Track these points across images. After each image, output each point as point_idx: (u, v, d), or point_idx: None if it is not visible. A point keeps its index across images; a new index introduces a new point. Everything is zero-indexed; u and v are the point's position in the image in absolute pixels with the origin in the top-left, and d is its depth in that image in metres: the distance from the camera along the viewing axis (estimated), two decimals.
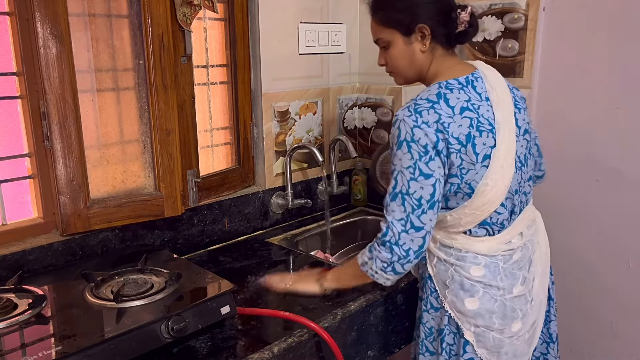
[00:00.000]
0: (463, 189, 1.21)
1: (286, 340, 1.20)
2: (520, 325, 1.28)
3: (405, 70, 1.31)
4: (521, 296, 1.28)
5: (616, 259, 1.65)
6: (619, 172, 1.60)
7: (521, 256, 1.29)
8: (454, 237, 1.27)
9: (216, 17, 1.71)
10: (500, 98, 1.24)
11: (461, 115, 1.18)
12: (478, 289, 1.25)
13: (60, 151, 1.34)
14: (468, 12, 1.23)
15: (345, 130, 2.16)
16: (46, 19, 1.27)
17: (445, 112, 1.18)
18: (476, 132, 1.18)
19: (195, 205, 1.66)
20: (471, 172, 1.19)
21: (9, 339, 1.02)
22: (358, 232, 2.09)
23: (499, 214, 1.25)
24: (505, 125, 1.22)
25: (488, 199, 1.21)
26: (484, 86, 1.24)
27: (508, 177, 1.22)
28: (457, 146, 1.17)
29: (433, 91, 1.21)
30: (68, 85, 1.32)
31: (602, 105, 1.60)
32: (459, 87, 1.22)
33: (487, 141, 1.19)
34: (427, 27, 1.23)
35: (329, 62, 2.04)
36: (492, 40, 1.75)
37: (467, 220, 1.24)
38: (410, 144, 1.16)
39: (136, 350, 1.06)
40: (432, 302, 1.34)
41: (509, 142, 1.21)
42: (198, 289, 1.25)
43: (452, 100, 1.19)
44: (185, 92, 1.59)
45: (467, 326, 1.27)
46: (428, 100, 1.19)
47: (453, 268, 1.27)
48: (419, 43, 1.25)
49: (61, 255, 1.40)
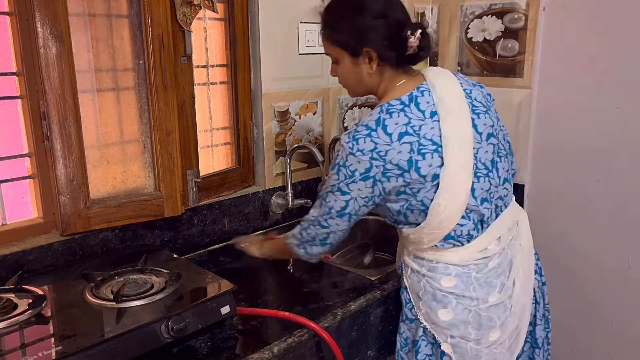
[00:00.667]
0: (417, 207, 1.20)
1: (286, 340, 1.20)
2: (498, 334, 1.25)
3: (354, 87, 1.32)
4: (499, 304, 1.25)
5: (616, 259, 1.65)
6: (619, 172, 1.60)
7: (499, 262, 1.26)
8: (424, 249, 1.27)
9: (216, 17, 1.71)
10: (449, 110, 1.19)
11: (399, 142, 1.15)
12: (450, 300, 1.24)
13: (60, 151, 1.34)
14: (417, 37, 1.17)
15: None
16: (46, 19, 1.27)
17: (383, 140, 1.16)
18: (418, 155, 1.16)
19: (195, 205, 1.66)
20: (422, 191, 1.18)
21: (9, 339, 1.02)
22: (358, 232, 2.08)
23: (462, 226, 1.22)
24: (454, 140, 1.17)
25: (443, 218, 1.19)
26: (430, 100, 1.20)
27: (463, 192, 1.18)
28: (397, 171, 1.16)
29: (374, 116, 1.19)
30: (68, 85, 1.32)
31: (602, 105, 1.61)
32: (399, 108, 1.18)
33: (432, 162, 1.16)
34: (373, 51, 1.20)
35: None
36: (492, 40, 1.75)
37: (429, 239, 1.23)
38: (341, 168, 1.20)
39: (136, 350, 1.06)
40: (406, 313, 1.33)
41: (460, 156, 1.17)
42: (198, 289, 1.25)
43: (389, 127, 1.16)
44: (185, 92, 1.59)
45: (443, 337, 1.25)
46: (367, 127, 1.18)
47: (425, 279, 1.26)
48: (367, 65, 1.23)
49: (61, 255, 1.40)
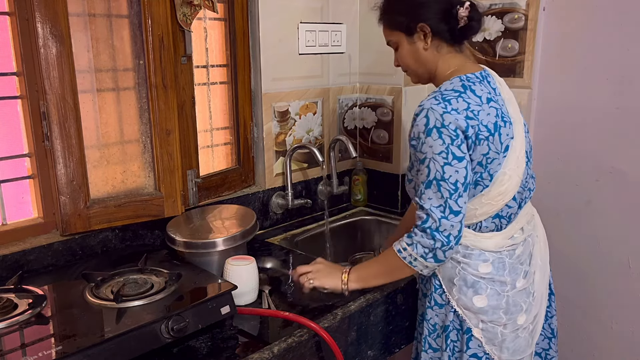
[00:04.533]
0: (485, 180, 1.23)
1: (286, 340, 1.19)
2: (525, 318, 1.31)
3: (414, 68, 1.35)
4: (523, 290, 1.31)
5: (616, 259, 1.65)
6: (619, 172, 1.60)
7: (522, 250, 1.33)
8: (462, 234, 1.27)
9: (216, 17, 1.72)
10: (509, 95, 1.31)
11: (488, 105, 1.22)
12: (483, 286, 1.27)
13: (60, 151, 1.34)
14: (466, 6, 1.24)
15: (345, 130, 2.16)
16: (46, 19, 1.27)
17: (474, 100, 1.21)
18: (501, 122, 1.23)
19: (196, 205, 1.66)
20: (495, 162, 1.22)
21: (9, 339, 1.02)
22: (358, 232, 2.09)
23: (510, 208, 1.28)
24: (518, 120, 1.27)
25: (504, 189, 1.24)
26: (495, 83, 1.30)
27: (522, 169, 1.26)
28: (486, 134, 1.20)
29: (457, 83, 1.24)
30: (68, 85, 1.32)
31: (602, 105, 1.61)
32: (479, 80, 1.26)
33: (509, 132, 1.24)
34: (426, 26, 1.26)
35: (329, 62, 2.04)
36: (492, 40, 1.75)
37: (482, 211, 1.26)
38: (441, 129, 1.17)
39: (136, 350, 1.06)
40: (436, 299, 1.34)
41: (521, 136, 1.27)
42: (198, 289, 1.24)
43: (477, 91, 1.23)
44: (185, 92, 1.59)
45: (474, 322, 1.29)
46: (454, 91, 1.22)
47: (460, 266, 1.29)
48: (422, 42, 1.29)
49: (61, 255, 1.40)
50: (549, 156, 1.71)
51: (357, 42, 2.12)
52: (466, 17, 1.25)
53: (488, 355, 1.30)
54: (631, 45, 1.52)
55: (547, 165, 1.72)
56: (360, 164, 2.18)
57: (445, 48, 1.29)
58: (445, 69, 1.29)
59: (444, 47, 1.29)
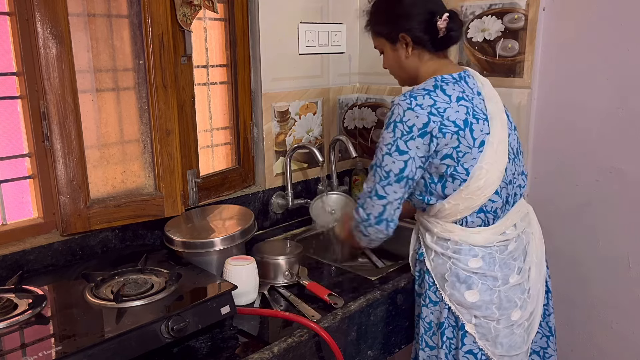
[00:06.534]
0: (460, 174, 1.25)
1: (286, 340, 1.20)
2: (519, 314, 1.32)
3: (398, 73, 1.43)
4: (518, 285, 1.32)
5: (616, 259, 1.65)
6: (619, 172, 1.60)
7: (515, 247, 1.34)
8: (450, 230, 1.31)
9: (216, 17, 1.72)
10: (490, 93, 1.35)
11: (457, 103, 1.27)
12: (475, 281, 1.29)
13: (60, 151, 1.34)
14: (444, 18, 1.29)
15: (345, 130, 2.16)
16: (46, 19, 1.27)
17: (442, 99, 1.26)
18: (473, 118, 1.26)
19: (196, 205, 1.66)
20: (467, 156, 1.25)
21: (9, 339, 1.02)
22: None
23: (494, 202, 1.30)
24: (497, 117, 1.30)
25: (483, 183, 1.26)
26: (475, 82, 1.34)
27: (501, 164, 1.29)
28: (454, 128, 1.24)
29: (429, 83, 1.30)
30: (68, 85, 1.32)
31: (602, 105, 1.61)
32: (453, 81, 1.31)
33: (483, 128, 1.27)
34: (407, 36, 1.33)
35: (329, 62, 2.04)
36: (492, 40, 1.75)
37: (464, 206, 1.28)
38: (398, 124, 1.25)
39: (136, 350, 1.06)
40: (430, 297, 1.36)
41: (501, 132, 1.30)
42: (198, 289, 1.25)
43: (448, 90, 1.28)
44: (185, 92, 1.59)
45: (467, 318, 1.30)
46: (424, 89, 1.28)
47: (451, 261, 1.31)
48: (404, 50, 1.35)
49: (61, 255, 1.40)
50: (549, 156, 1.71)
51: (357, 42, 2.12)
52: (444, 29, 1.29)
53: (483, 351, 1.31)
54: (631, 45, 1.52)
55: (547, 165, 1.72)
56: (360, 164, 2.18)
57: (427, 55, 1.35)
58: (426, 73, 1.35)
59: (426, 55, 1.35)
